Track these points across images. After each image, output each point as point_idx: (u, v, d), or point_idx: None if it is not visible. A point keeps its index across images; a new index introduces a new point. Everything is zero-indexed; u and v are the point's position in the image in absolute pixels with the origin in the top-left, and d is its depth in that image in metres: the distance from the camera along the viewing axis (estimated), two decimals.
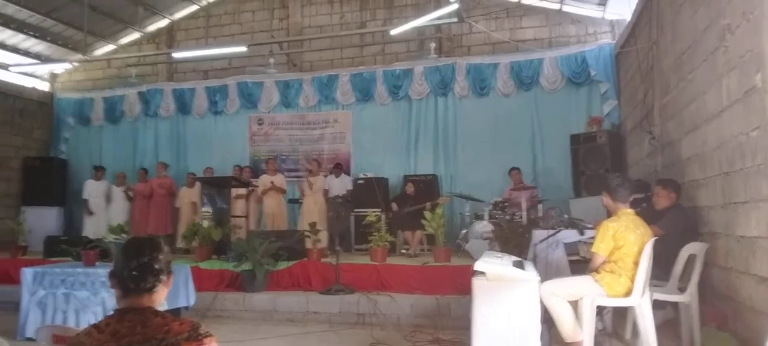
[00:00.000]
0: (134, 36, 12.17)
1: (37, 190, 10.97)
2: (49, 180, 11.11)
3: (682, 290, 4.25)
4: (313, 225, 7.36)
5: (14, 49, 11.32)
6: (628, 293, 3.81)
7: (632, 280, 3.79)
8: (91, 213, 10.29)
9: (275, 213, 9.42)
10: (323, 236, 7.82)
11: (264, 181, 9.54)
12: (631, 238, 3.81)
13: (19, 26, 10.77)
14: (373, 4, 10.98)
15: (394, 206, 8.70)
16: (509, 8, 10.11)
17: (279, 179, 9.56)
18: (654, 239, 3.85)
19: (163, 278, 1.85)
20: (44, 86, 12.55)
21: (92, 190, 10.45)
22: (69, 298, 5.27)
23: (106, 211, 10.44)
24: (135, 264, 1.81)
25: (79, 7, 10.13)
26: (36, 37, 11.23)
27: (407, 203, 8.54)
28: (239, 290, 6.82)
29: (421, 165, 10.07)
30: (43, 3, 10.33)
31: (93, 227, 10.01)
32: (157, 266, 1.82)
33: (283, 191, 9.58)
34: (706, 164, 4.59)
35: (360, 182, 9.61)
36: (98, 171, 10.64)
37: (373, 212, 7.91)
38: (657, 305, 4.12)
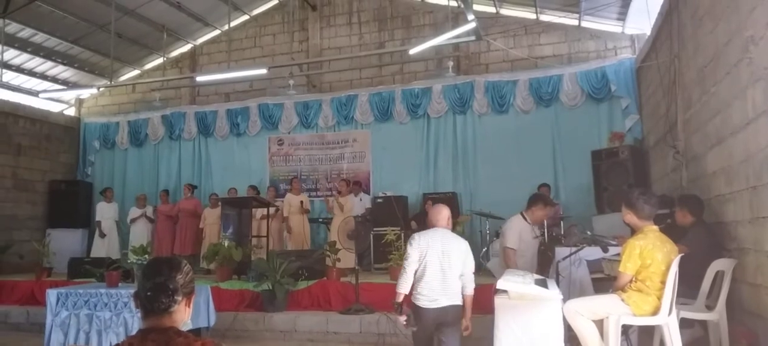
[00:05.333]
0: (158, 61, 12.46)
1: (62, 212, 11.19)
2: (75, 203, 11.32)
3: (710, 308, 4.14)
4: (332, 244, 7.36)
5: (43, 76, 11.69)
6: (655, 312, 3.71)
7: (660, 298, 3.69)
8: (103, 235, 10.46)
9: (300, 233, 9.43)
10: (347, 255, 7.73)
11: (290, 200, 9.58)
12: (659, 256, 3.71)
13: (48, 54, 11.13)
14: (391, 25, 11.08)
15: (414, 225, 8.65)
16: (527, 25, 10.09)
17: (305, 199, 9.62)
18: (680, 255, 3.76)
19: (178, 298, 1.84)
20: (71, 111, 12.88)
21: (104, 212, 10.64)
22: (92, 319, 5.33)
23: (117, 232, 10.66)
24: (150, 285, 1.82)
25: (105, 34, 10.42)
26: (64, 64, 11.59)
27: (427, 221, 8.48)
28: (259, 310, 6.82)
29: (441, 183, 10.04)
30: (71, 31, 10.67)
31: (103, 249, 10.17)
32: (171, 286, 1.82)
33: (307, 211, 9.62)
34: (732, 178, 4.48)
35: (379, 200, 9.61)
36: (108, 193, 10.85)
37: (393, 230, 7.87)
38: (685, 323, 4.01)
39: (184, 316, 1.90)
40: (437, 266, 3.84)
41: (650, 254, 3.71)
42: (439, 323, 3.85)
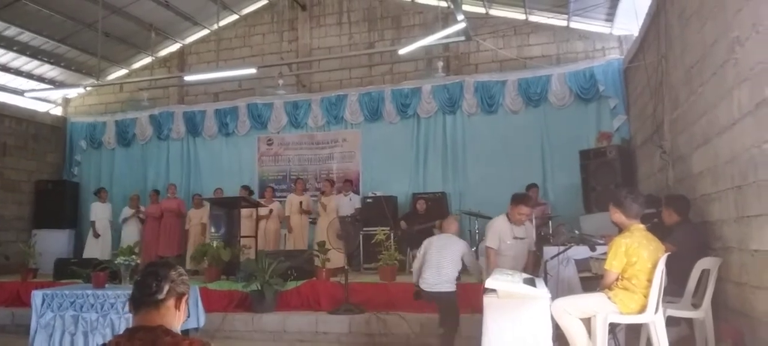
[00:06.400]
0: (146, 60, 12.35)
1: (48, 213, 11.06)
2: (61, 203, 11.20)
3: (696, 306, 4.18)
4: (321, 244, 7.34)
5: (29, 75, 11.55)
6: (641, 310, 3.74)
7: (646, 296, 3.72)
8: (97, 235, 10.34)
9: (299, 233, 9.40)
10: (335, 255, 7.72)
11: (291, 200, 9.54)
12: (645, 254, 3.75)
13: (34, 53, 11.00)
14: (381, 25, 11.08)
15: (403, 225, 8.66)
16: (516, 26, 10.14)
17: (306, 199, 9.58)
18: (667, 254, 3.79)
19: (165, 285, 1.87)
20: (57, 111, 12.75)
21: (98, 212, 10.53)
22: (78, 320, 5.27)
23: (110, 233, 10.54)
24: (141, 275, 1.90)
25: (93, 33, 10.32)
26: (50, 63, 11.46)
27: (417, 221, 8.49)
28: (248, 310, 6.80)
29: (430, 183, 10.04)
30: (58, 30, 10.54)
31: (97, 249, 10.06)
32: (161, 273, 1.88)
33: (308, 212, 9.58)
34: (718, 178, 4.53)
35: (369, 200, 9.60)
36: (102, 193, 10.73)
37: (382, 230, 7.87)
38: (671, 321, 4.04)
39: (174, 320, 1.89)
40: (434, 262, 5.14)
41: (636, 252, 3.75)
42: (437, 303, 5.23)
